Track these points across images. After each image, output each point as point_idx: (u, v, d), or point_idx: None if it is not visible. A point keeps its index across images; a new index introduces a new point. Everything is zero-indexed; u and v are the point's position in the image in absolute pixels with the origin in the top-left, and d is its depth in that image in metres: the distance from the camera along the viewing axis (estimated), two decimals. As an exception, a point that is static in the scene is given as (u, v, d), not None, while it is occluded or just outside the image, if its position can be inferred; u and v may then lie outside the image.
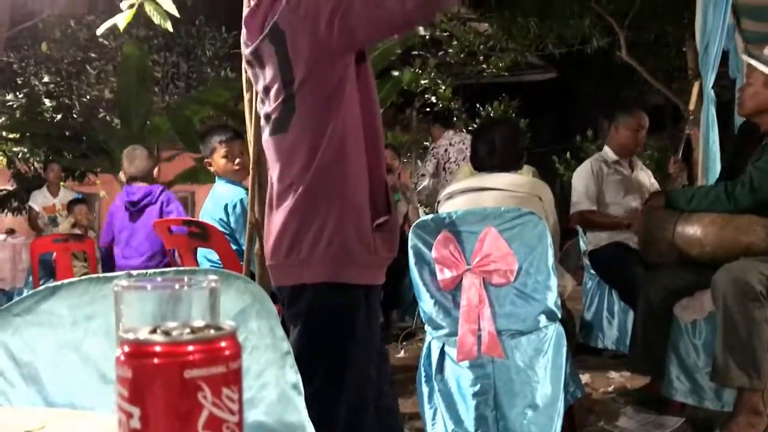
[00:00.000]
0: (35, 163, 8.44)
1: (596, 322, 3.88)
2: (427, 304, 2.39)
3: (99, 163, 7.93)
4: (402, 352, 4.04)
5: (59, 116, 8.03)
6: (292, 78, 1.58)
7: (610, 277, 3.71)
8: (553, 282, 2.31)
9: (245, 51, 1.70)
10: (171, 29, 2.95)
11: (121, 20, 2.80)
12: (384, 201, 1.65)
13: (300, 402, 1.18)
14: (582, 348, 3.90)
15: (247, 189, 2.87)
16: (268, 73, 1.63)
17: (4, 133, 8.04)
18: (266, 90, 1.66)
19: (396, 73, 7.55)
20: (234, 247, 2.95)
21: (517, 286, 2.29)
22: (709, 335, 2.63)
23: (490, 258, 2.26)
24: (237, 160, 3.08)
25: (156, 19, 2.83)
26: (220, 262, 2.95)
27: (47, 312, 1.12)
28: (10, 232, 6.99)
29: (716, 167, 4.68)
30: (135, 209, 3.59)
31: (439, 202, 2.77)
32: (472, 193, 2.64)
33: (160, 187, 3.70)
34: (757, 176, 2.57)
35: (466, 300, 2.28)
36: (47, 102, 8.02)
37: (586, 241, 3.89)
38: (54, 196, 6.71)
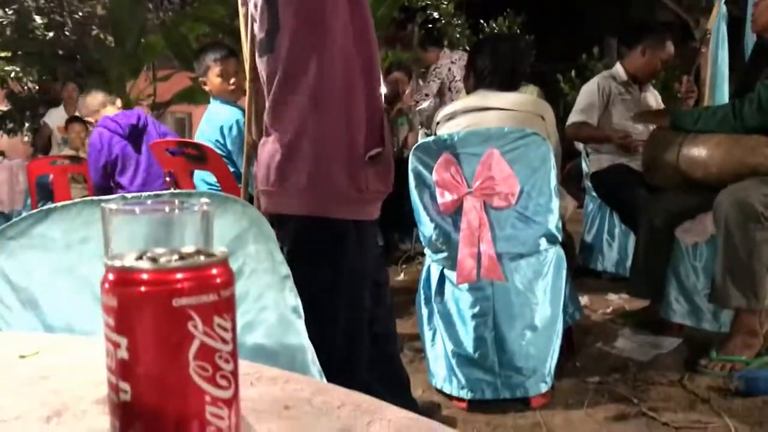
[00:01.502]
0: (29, 83, 8.28)
1: (596, 244, 3.89)
2: (427, 228, 2.37)
3: (94, 83, 7.78)
4: (402, 274, 4.07)
5: (51, 34, 7.81)
6: None
7: (612, 199, 3.68)
8: (555, 204, 2.29)
9: None
10: None
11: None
12: (379, 131, 1.60)
13: (300, 324, 1.18)
14: (582, 270, 3.92)
15: (243, 109, 2.80)
16: None
17: (-5, 52, 7.85)
18: (255, 7, 1.60)
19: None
20: (231, 169, 2.91)
21: (518, 209, 2.26)
22: (710, 258, 2.63)
23: (491, 181, 2.22)
24: (232, 80, 2.99)
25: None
26: (217, 185, 2.92)
27: (41, 235, 1.10)
28: (0, 154, 6.90)
29: (724, 86, 4.57)
30: (137, 133, 3.50)
31: (438, 123, 2.70)
32: (474, 113, 2.56)
33: (141, 110, 3.68)
34: (765, 95, 2.50)
35: (466, 223, 2.26)
36: (38, 19, 7.78)
37: (588, 163, 3.84)
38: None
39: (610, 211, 3.82)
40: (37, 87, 7.84)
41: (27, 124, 8.23)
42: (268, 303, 1.16)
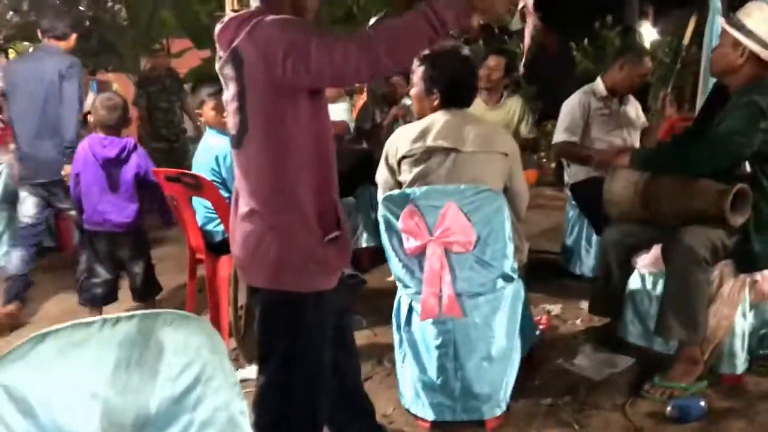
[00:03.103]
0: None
1: (576, 249, 4.11)
2: (396, 266, 2.62)
3: (108, 60, 8.03)
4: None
5: (66, 9, 7.99)
6: (246, 101, 1.73)
7: (586, 212, 3.89)
8: (510, 250, 2.52)
9: (218, 64, 1.83)
10: None
11: None
12: (334, 218, 1.84)
13: (246, 425, 1.45)
14: (563, 272, 4.16)
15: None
16: (231, 90, 1.78)
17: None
18: (229, 104, 1.82)
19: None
20: (225, 194, 3.17)
21: (476, 254, 2.49)
22: (664, 286, 2.84)
23: (450, 230, 2.45)
24: (225, 113, 3.21)
25: None
26: (212, 209, 3.20)
27: (38, 353, 1.36)
28: None
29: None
30: (111, 165, 3.41)
31: (400, 159, 2.65)
32: (437, 157, 2.59)
33: (131, 141, 3.48)
34: (714, 140, 2.66)
35: (428, 267, 2.50)
36: (54, -6, 7.96)
37: (569, 174, 4.03)
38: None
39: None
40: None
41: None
42: (221, 405, 1.44)
